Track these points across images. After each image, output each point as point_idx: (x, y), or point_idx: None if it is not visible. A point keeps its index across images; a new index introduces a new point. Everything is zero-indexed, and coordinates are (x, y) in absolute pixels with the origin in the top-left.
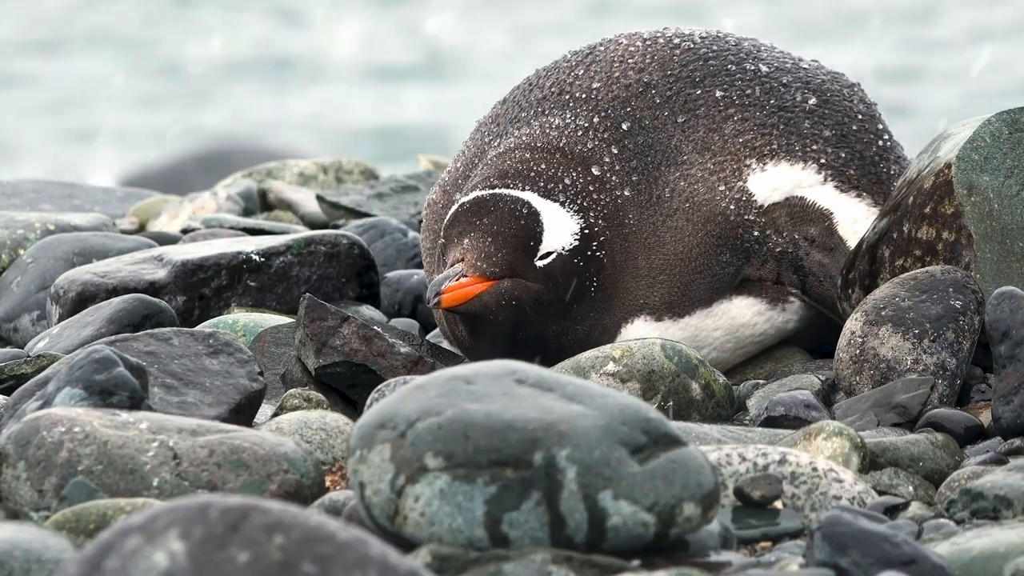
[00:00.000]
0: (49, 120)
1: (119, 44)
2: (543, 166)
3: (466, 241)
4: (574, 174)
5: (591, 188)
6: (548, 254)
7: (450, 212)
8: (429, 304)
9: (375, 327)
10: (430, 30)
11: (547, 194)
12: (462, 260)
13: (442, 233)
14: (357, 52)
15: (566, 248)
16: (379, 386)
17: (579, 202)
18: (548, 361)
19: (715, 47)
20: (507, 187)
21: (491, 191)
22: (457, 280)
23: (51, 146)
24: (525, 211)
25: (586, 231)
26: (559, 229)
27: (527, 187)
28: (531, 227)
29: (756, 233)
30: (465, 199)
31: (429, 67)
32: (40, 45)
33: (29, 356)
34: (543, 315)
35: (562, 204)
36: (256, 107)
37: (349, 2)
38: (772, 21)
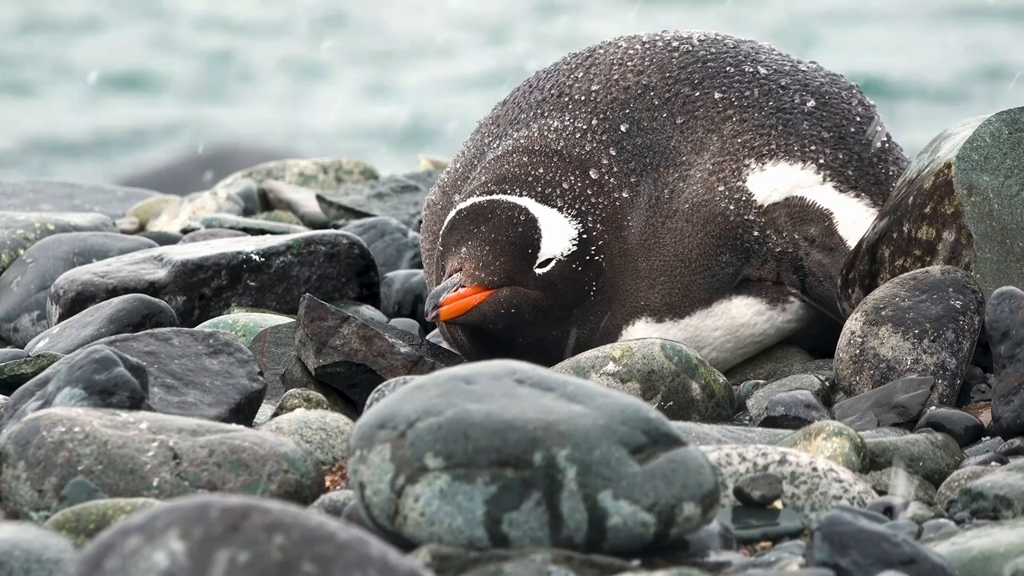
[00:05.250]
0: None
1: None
2: (540, 170)
3: (464, 249)
4: (572, 178)
5: (589, 192)
6: (547, 261)
7: (447, 219)
8: (428, 317)
9: (375, 327)
10: None
11: (544, 199)
12: (460, 269)
13: (440, 241)
14: None
15: (564, 254)
16: (379, 386)
17: (577, 206)
18: (549, 365)
19: (713, 50)
20: (504, 192)
21: (488, 197)
22: (455, 291)
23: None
24: (523, 217)
25: (584, 236)
26: (557, 235)
27: (524, 192)
28: (529, 234)
29: (756, 233)
30: (462, 206)
31: None
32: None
33: (29, 356)
34: (543, 321)
35: (560, 209)
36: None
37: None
38: None
